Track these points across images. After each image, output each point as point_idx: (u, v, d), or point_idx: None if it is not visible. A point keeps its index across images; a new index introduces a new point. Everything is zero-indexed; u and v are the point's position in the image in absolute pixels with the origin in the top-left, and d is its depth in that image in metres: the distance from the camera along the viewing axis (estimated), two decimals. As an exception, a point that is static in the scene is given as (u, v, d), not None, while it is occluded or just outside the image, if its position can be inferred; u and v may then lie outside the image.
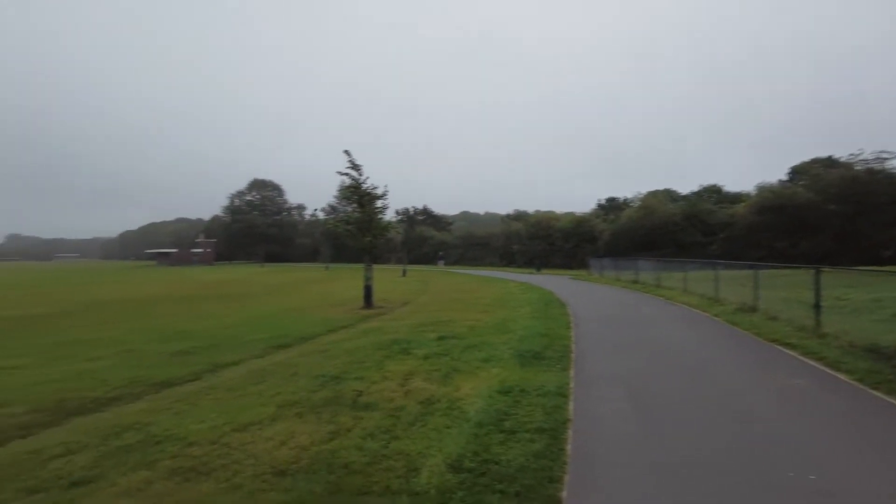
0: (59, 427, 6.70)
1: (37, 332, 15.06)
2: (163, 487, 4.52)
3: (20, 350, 12.14)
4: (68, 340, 13.43)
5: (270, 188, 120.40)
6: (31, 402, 7.69)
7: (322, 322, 16.08)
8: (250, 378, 8.71)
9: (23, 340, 13.61)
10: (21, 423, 6.81)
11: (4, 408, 7.45)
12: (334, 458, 4.95)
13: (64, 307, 22.99)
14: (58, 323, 17.40)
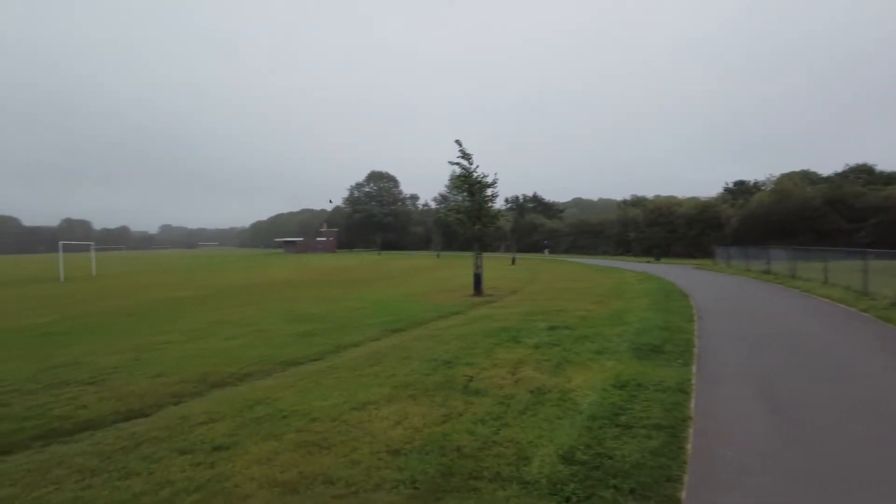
0: (202, 397, 7.46)
1: (184, 313, 16.88)
2: (289, 458, 4.87)
3: (171, 328, 13.68)
4: (209, 321, 14.91)
5: (387, 179, 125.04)
6: (180, 374, 8.63)
7: (433, 308, 16.48)
8: (368, 359, 9.15)
9: (173, 320, 15.33)
10: (173, 392, 7.67)
11: (160, 378, 8.43)
12: (446, 441, 5.07)
13: (206, 291, 25.56)
14: (201, 305, 19.38)
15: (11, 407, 7.03)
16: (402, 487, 4.17)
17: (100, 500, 4.18)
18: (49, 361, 9.70)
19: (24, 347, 11.24)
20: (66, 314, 16.94)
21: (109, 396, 7.46)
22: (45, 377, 8.53)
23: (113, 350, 10.73)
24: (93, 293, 25.24)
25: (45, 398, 7.40)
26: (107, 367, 9.16)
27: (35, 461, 5.16)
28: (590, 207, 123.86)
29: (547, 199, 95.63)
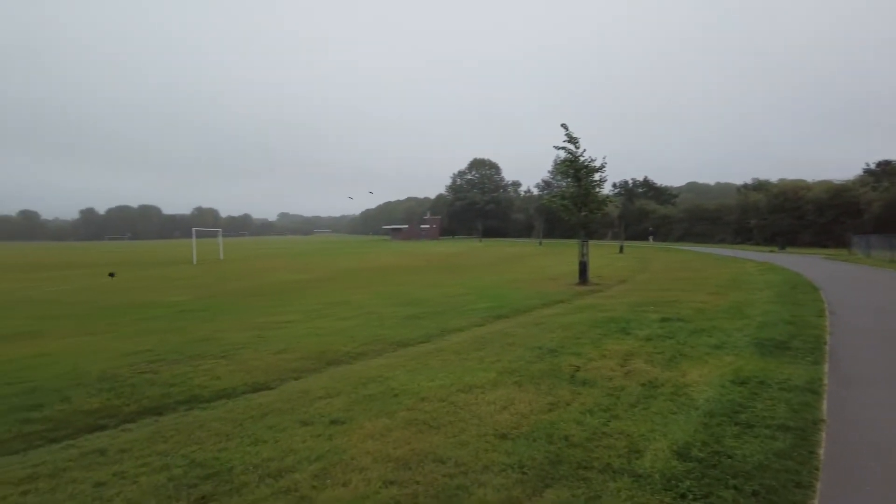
0: (320, 373, 7.95)
1: (301, 295, 18.06)
2: (401, 435, 5.09)
3: (291, 308, 14.69)
4: (325, 302, 15.84)
5: (488, 167, 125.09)
6: (300, 351, 9.26)
7: (537, 295, 16.33)
8: (473, 344, 9.28)
9: (292, 301, 16.45)
10: (293, 368, 8.25)
11: (282, 354, 9.11)
12: (553, 429, 5.04)
13: (321, 274, 27.13)
14: (317, 287, 20.61)
15: (160, 374, 7.93)
16: (511, 471, 4.21)
17: (235, 461, 4.61)
18: (188, 336, 10.81)
19: (168, 322, 12.61)
20: (200, 294, 18.78)
21: (239, 369, 8.17)
22: (185, 350, 9.53)
23: (240, 327, 11.74)
24: (221, 275, 27.72)
25: (186, 368, 8.26)
26: (236, 343, 10.04)
27: (181, 423, 5.80)
28: (706, 192, 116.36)
29: (659, 184, 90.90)
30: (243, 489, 4.07)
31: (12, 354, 9.44)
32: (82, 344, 10.22)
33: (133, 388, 7.22)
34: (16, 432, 5.69)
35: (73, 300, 18.12)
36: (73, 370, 8.16)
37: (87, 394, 6.99)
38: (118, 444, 5.19)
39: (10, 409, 6.42)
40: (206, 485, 4.17)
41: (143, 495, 4.04)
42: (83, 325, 12.45)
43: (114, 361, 8.67)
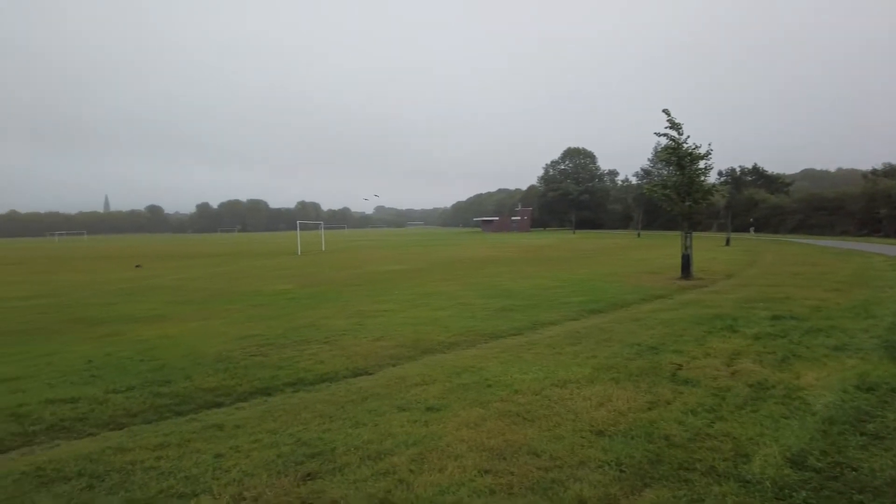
0: (415, 361, 8.18)
1: (397, 285, 18.61)
2: (494, 426, 5.13)
3: (387, 298, 15.19)
4: (420, 292, 16.22)
5: (583, 156, 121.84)
6: (396, 339, 9.57)
7: (635, 290, 15.76)
8: (567, 338, 9.14)
9: (389, 290, 16.99)
10: (390, 355, 8.54)
11: (379, 341, 9.45)
12: (653, 428, 4.88)
13: (415, 265, 27.77)
14: (412, 278, 21.14)
15: (269, 358, 8.50)
16: (607, 468, 4.13)
17: (337, 442, 4.87)
18: (294, 322, 11.50)
19: (275, 309, 13.47)
20: (304, 283, 19.88)
21: (340, 355, 8.58)
22: (292, 335, 10.14)
23: (341, 315, 12.31)
24: (323, 266, 29.13)
25: (292, 352, 8.80)
26: (337, 330, 10.55)
27: (288, 404, 6.20)
28: (824, 180, 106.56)
29: (770, 171, 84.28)
30: (345, 469, 4.30)
31: (144, 335, 10.50)
32: (200, 327, 11.17)
33: (245, 370, 7.79)
34: (149, 404, 6.34)
35: (192, 287, 19.81)
36: (193, 351, 8.95)
37: (206, 373, 7.63)
38: (233, 421, 5.64)
39: (144, 383, 7.16)
40: (311, 463, 4.45)
41: (256, 469, 4.38)
42: (200, 311, 13.59)
43: (227, 344, 9.41)
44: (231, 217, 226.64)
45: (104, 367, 8.02)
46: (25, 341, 10.27)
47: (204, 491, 4.01)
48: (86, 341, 10.08)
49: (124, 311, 14.03)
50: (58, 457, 4.82)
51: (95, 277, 25.49)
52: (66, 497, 4.01)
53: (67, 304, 15.96)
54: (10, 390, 6.97)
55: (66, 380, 7.39)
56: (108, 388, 6.93)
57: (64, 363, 8.36)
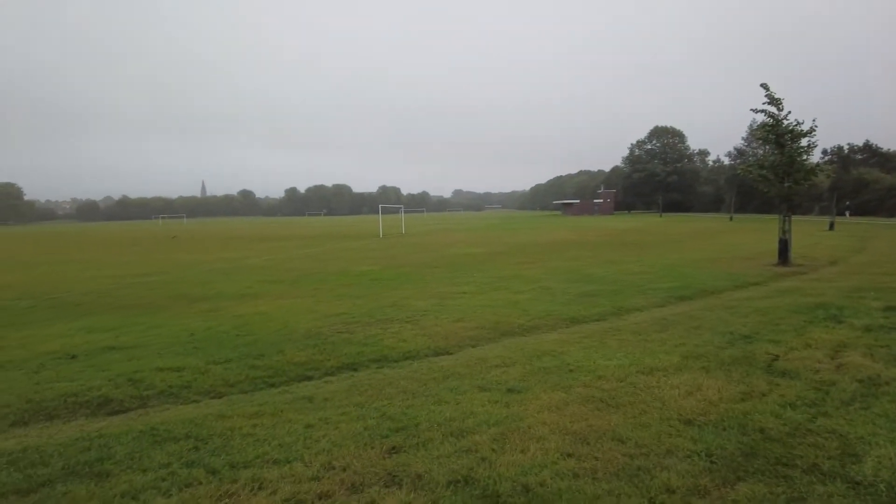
0: (495, 343, 8.21)
1: (477, 268, 18.70)
2: (577, 410, 5.07)
3: (467, 280, 15.32)
4: (499, 275, 16.22)
5: (671, 135, 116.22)
6: (476, 321, 9.64)
7: (727, 276, 14.93)
8: (653, 325, 8.84)
9: (468, 273, 17.11)
10: (470, 336, 8.63)
11: (459, 322, 9.57)
12: (747, 420, 4.63)
13: (494, 248, 27.78)
14: (491, 261, 21.17)
15: (355, 335, 8.84)
16: (697, 458, 3.98)
17: (420, 418, 4.99)
18: (377, 302, 11.87)
19: (360, 289, 13.95)
20: (386, 265, 20.43)
21: (422, 334, 8.77)
22: (376, 314, 10.48)
23: (422, 296, 12.55)
24: (404, 248, 29.80)
25: (376, 330, 9.10)
26: (419, 310, 10.78)
27: (374, 379, 6.43)
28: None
29: (885, 149, 76.59)
30: (428, 444, 4.41)
31: (239, 311, 11.22)
32: (290, 305, 11.78)
33: (333, 346, 8.15)
34: (245, 376, 6.78)
35: (282, 267, 20.90)
36: (284, 327, 9.47)
37: (296, 348, 8.05)
38: (322, 394, 5.93)
39: (241, 356, 7.66)
40: (396, 437, 4.60)
41: (344, 439, 4.58)
42: (290, 290, 14.32)
43: (316, 321, 9.87)
44: (317, 201, 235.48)
45: (205, 340, 8.66)
46: (138, 315, 11.26)
47: (296, 458, 4.25)
48: (188, 316, 10.91)
49: (221, 288, 15.04)
50: (168, 419, 5.28)
51: (196, 257, 27.41)
52: (176, 455, 4.38)
53: (171, 281, 17.32)
54: (128, 358, 7.69)
55: (173, 350, 8.05)
56: (209, 360, 7.47)
57: (170, 335, 9.11)
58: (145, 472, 4.12)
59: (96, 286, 16.56)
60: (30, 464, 4.34)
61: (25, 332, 9.78)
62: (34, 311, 12.24)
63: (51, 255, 32.42)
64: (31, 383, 6.62)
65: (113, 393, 6.14)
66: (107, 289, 15.82)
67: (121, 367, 7.21)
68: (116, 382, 6.51)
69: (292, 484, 3.85)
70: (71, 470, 4.19)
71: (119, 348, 8.28)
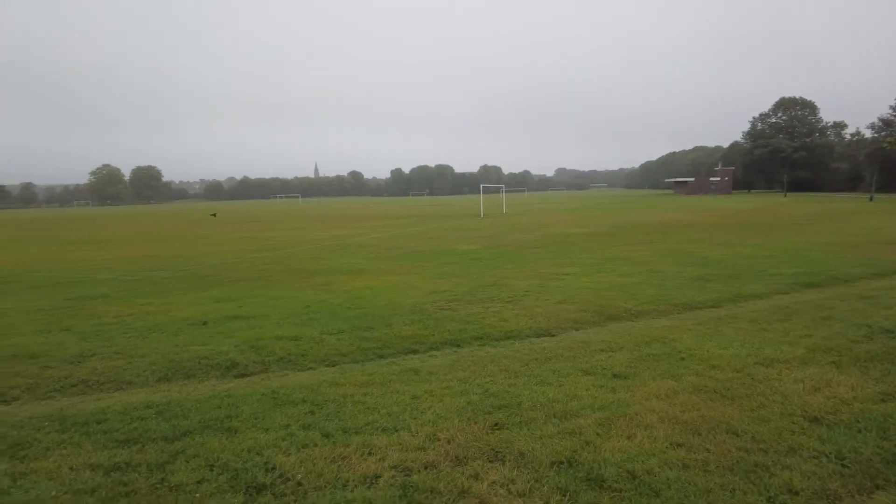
0: (599, 327, 8.01)
1: (580, 248, 18.27)
2: (688, 399, 4.85)
3: (569, 261, 15.01)
4: (603, 257, 15.73)
5: (800, 106, 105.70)
6: (579, 303, 9.45)
7: (864, 262, 13.44)
8: (774, 314, 8.20)
9: (571, 254, 16.75)
10: (573, 318, 8.47)
11: (562, 304, 9.42)
12: (888, 423, 4.20)
13: (598, 229, 26.91)
14: (595, 241, 20.57)
15: (457, 312, 9.00)
16: (824, 460, 3.68)
17: (523, 397, 5.02)
18: (479, 280, 11.97)
19: (461, 268, 14.14)
20: (487, 244, 20.51)
21: (523, 314, 8.75)
22: (477, 293, 10.59)
23: (523, 276, 12.50)
24: (504, 228, 29.71)
25: (478, 309, 9.21)
26: (520, 290, 10.75)
27: (476, 356, 6.53)
28: None
29: None
30: (531, 423, 4.43)
31: (350, 286, 11.80)
32: (396, 281, 12.20)
33: (436, 322, 8.35)
34: (356, 346, 7.14)
35: (388, 245, 21.62)
36: (391, 302, 9.84)
37: (403, 322, 8.34)
38: (427, 367, 6.12)
39: (352, 328, 8.08)
40: (498, 413, 4.66)
41: (448, 412, 4.72)
42: (396, 266, 14.81)
43: (420, 298, 10.16)
44: (420, 181, 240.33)
45: (319, 312, 9.22)
46: (258, 287, 12.18)
47: (403, 428, 4.45)
48: (303, 289, 11.64)
49: (333, 264, 15.86)
50: (287, 384, 5.71)
51: (311, 235, 29.11)
52: (294, 418, 4.75)
53: (287, 257, 18.50)
54: (250, 326, 8.37)
55: (290, 321, 8.65)
56: (323, 330, 7.95)
57: (287, 306, 9.78)
58: (267, 430, 4.51)
59: (220, 260, 18.08)
60: (173, 415, 4.90)
61: (165, 300, 10.92)
62: (171, 282, 13.61)
63: (183, 231, 35.82)
64: (172, 345, 7.41)
65: (239, 358, 6.73)
66: (230, 262, 17.23)
67: (245, 334, 7.87)
68: (241, 348, 7.12)
69: (399, 452, 4.04)
70: (206, 424, 4.68)
71: (242, 317, 9.02)
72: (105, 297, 11.30)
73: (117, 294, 11.73)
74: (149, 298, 11.08)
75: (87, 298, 11.24)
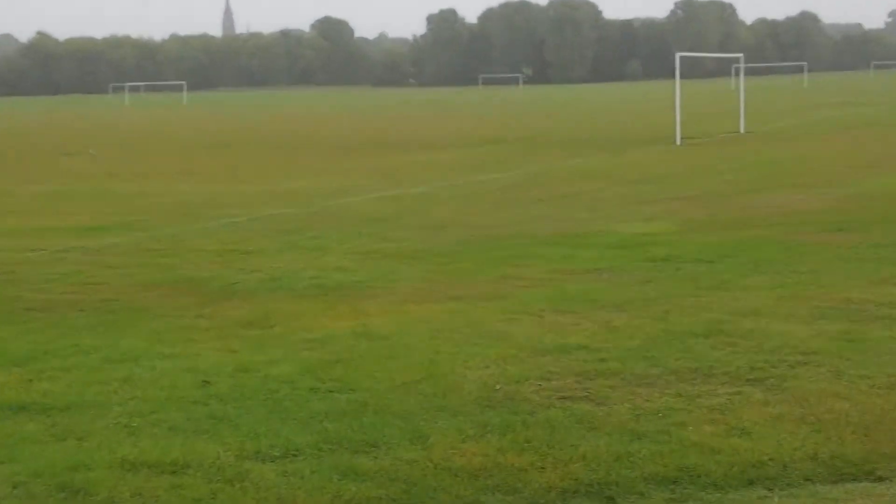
0: None
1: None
2: None
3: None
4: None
5: None
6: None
7: None
8: None
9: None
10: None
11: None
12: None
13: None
14: None
15: (615, 409, 3.47)
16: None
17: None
18: (676, 321, 4.97)
19: (630, 283, 6.94)
20: (697, 216, 11.24)
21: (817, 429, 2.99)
22: (672, 355, 4.41)
23: (802, 309, 5.58)
24: (747, 173, 16.42)
25: (676, 402, 3.57)
26: (789, 346, 4.48)
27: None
28: None
29: None
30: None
31: (319, 328, 4.84)
32: (440, 317, 5.16)
33: (562, 434, 3.09)
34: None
35: (425, 218, 11.80)
36: (427, 372, 3.98)
37: (458, 433, 3.17)
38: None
39: (322, 444, 3.07)
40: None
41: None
42: (442, 276, 6.66)
43: (507, 362, 4.11)
44: (512, 42, 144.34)
45: (235, 399, 3.60)
46: (89, 329, 5.11)
47: None
48: (199, 334, 4.89)
49: (278, 268, 8.22)
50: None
51: (218, 189, 17.98)
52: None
53: (166, 249, 9.65)
54: (53, 435, 3.23)
55: (159, 421, 3.20)
56: (244, 450, 3.03)
57: (156, 380, 3.70)
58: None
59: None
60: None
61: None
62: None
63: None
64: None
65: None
66: (23, 261, 9.09)
67: (27, 466, 3.09)
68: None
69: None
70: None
71: (36, 410, 3.78)
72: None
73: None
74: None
75: None
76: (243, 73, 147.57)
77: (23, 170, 21.53)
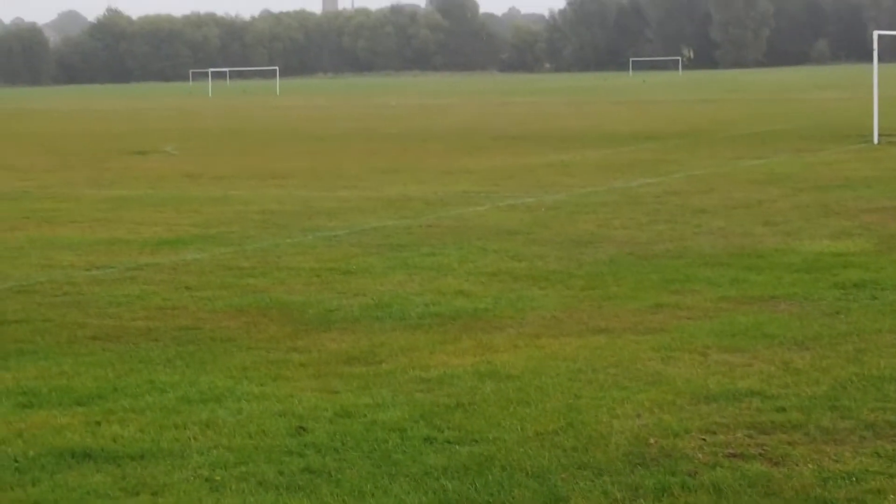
0: None
1: None
2: None
3: None
4: None
5: None
6: None
7: None
8: None
9: None
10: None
11: None
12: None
13: None
14: None
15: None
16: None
17: None
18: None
19: (809, 320, 6.57)
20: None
21: None
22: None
23: None
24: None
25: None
26: None
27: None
28: None
29: None
30: None
31: (441, 365, 6.21)
32: (584, 353, 6.12)
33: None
34: None
35: (560, 229, 12.84)
36: (568, 422, 4.16)
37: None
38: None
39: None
40: None
41: None
42: (588, 305, 8.12)
43: (661, 413, 4.09)
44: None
45: (332, 439, 3.79)
46: (163, 369, 6.47)
47: None
48: (295, 377, 5.20)
49: (383, 292, 7.09)
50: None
51: (316, 194, 19.30)
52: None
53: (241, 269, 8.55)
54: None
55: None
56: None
57: (246, 426, 3.97)
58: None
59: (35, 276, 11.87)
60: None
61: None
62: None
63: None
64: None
65: None
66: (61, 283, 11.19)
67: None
68: None
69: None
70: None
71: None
72: None
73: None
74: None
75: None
76: (346, 55, 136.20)
77: (88, 171, 19.87)
